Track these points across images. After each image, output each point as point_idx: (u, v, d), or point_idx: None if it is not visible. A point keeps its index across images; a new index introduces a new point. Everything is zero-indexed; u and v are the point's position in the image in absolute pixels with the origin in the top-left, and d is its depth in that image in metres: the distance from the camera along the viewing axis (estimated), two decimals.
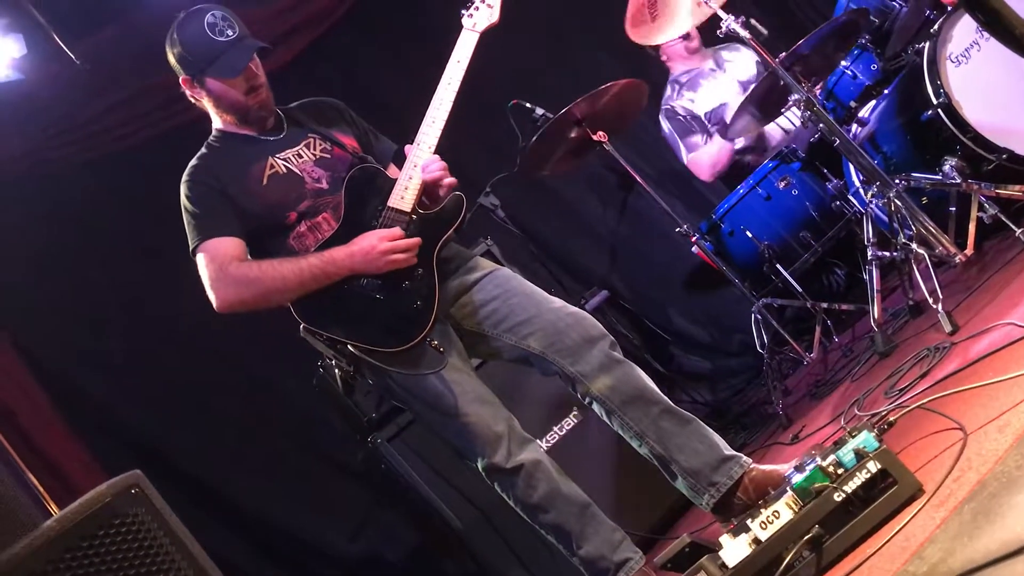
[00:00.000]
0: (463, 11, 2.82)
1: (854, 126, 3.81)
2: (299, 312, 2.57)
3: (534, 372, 2.71)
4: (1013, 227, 3.00)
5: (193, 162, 2.78)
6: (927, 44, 3.43)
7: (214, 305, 2.65)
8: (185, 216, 2.71)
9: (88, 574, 1.19)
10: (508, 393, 2.82)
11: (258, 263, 2.62)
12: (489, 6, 2.82)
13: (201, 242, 2.66)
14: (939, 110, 3.32)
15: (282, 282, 2.57)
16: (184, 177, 2.75)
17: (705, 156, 4.58)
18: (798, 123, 4.36)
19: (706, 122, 4.61)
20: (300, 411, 4.26)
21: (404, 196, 2.65)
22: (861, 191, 3.71)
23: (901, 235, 3.28)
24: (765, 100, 3.83)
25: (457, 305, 2.69)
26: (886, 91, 3.83)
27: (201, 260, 2.66)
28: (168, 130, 4.40)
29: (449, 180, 2.66)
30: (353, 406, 3.42)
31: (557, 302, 2.69)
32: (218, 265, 2.63)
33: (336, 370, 2.65)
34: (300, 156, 2.78)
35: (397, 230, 2.60)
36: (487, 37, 2.78)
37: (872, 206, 3.48)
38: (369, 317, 2.56)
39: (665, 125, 4.70)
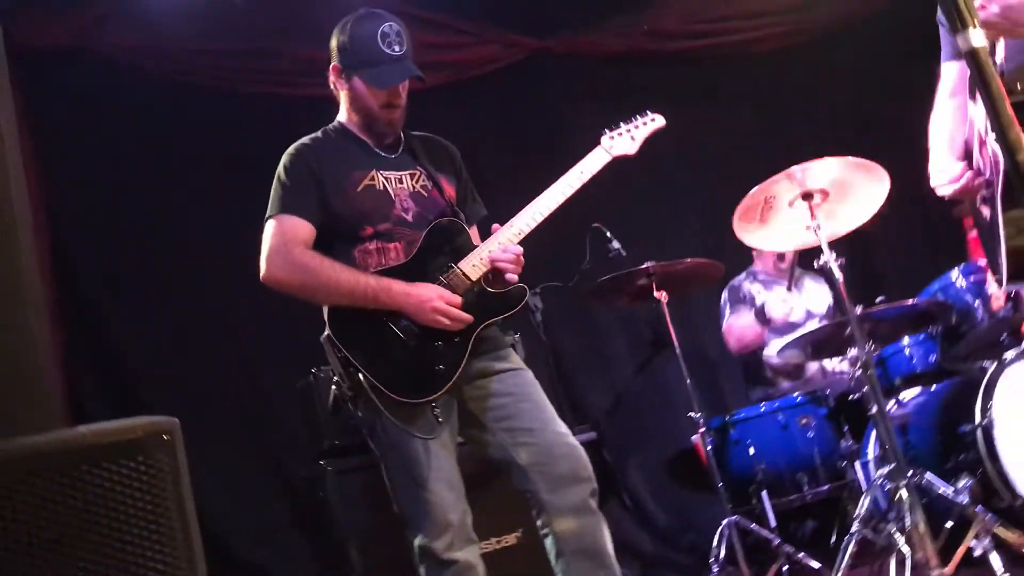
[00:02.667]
0: (607, 130, 2.91)
1: (892, 403, 3.85)
2: (333, 320, 2.59)
3: (506, 477, 2.70)
4: (997, 569, 3.00)
5: (305, 140, 2.83)
6: (994, 364, 3.49)
7: (261, 273, 2.67)
8: (276, 183, 2.75)
9: (93, 496, 1.18)
10: (474, 483, 2.79)
11: (321, 258, 2.64)
12: (632, 139, 2.91)
13: (279, 212, 2.69)
14: (979, 430, 3.35)
15: (335, 286, 2.59)
16: (291, 149, 2.80)
17: (739, 327, 4.71)
18: (841, 371, 4.42)
19: (759, 307, 4.67)
20: (269, 404, 4.23)
21: (475, 265, 2.68)
22: (872, 465, 3.73)
23: (892, 524, 3.27)
24: (825, 341, 3.90)
25: (473, 385, 2.69)
26: (935, 386, 3.88)
27: (270, 227, 2.69)
28: (287, 97, 4.47)
29: (512, 276, 2.68)
30: (325, 425, 3.39)
31: (563, 427, 2.69)
32: (284, 240, 2.66)
33: (333, 387, 2.65)
34: (401, 182, 2.82)
35: (457, 298, 2.62)
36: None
37: (877, 484, 3.48)
38: (392, 358, 2.57)
39: (724, 296, 4.84)
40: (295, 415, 3.83)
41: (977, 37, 1.36)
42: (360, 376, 2.52)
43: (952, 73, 2.64)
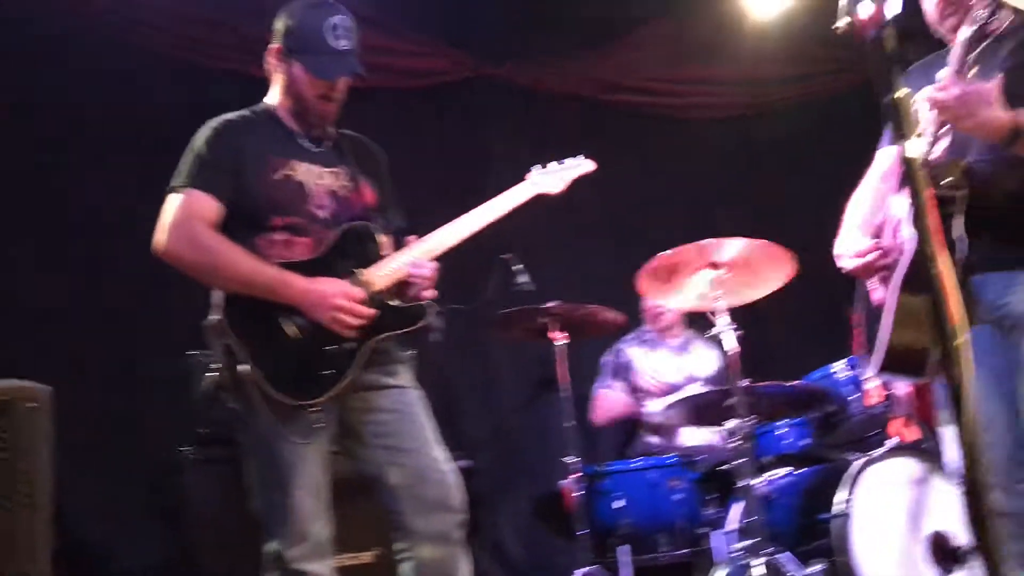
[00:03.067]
0: (538, 166, 2.92)
1: (761, 480, 3.93)
2: (224, 306, 2.50)
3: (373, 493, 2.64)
4: None
5: (229, 116, 2.74)
6: (861, 459, 3.61)
7: (158, 245, 2.56)
8: (190, 155, 2.64)
9: None
10: (340, 495, 2.72)
11: (223, 239, 2.55)
12: (560, 178, 2.92)
13: (188, 186, 2.58)
14: (837, 519, 3.46)
15: (233, 271, 2.50)
16: (213, 122, 2.70)
17: (609, 400, 4.74)
18: (713, 440, 4.51)
19: (635, 377, 4.73)
20: (145, 383, 4.07)
21: (383, 274, 2.64)
22: (731, 537, 3.79)
23: None
24: (706, 407, 3.98)
25: (358, 395, 2.63)
26: (803, 470, 3.99)
27: (175, 200, 2.58)
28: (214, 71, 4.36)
29: (428, 292, 2.65)
30: (196, 411, 3.27)
31: (441, 453, 2.66)
32: (188, 215, 2.55)
33: (213, 374, 2.55)
34: (321, 177, 2.74)
35: (363, 294, 2.56)
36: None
37: (733, 556, 3.55)
38: (280, 355, 2.49)
39: (607, 356, 4.85)
40: (168, 396, 3.68)
41: (913, 147, 1.40)
42: (243, 368, 2.44)
43: (887, 159, 2.72)
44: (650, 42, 5.67)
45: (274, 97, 2.79)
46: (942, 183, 2.29)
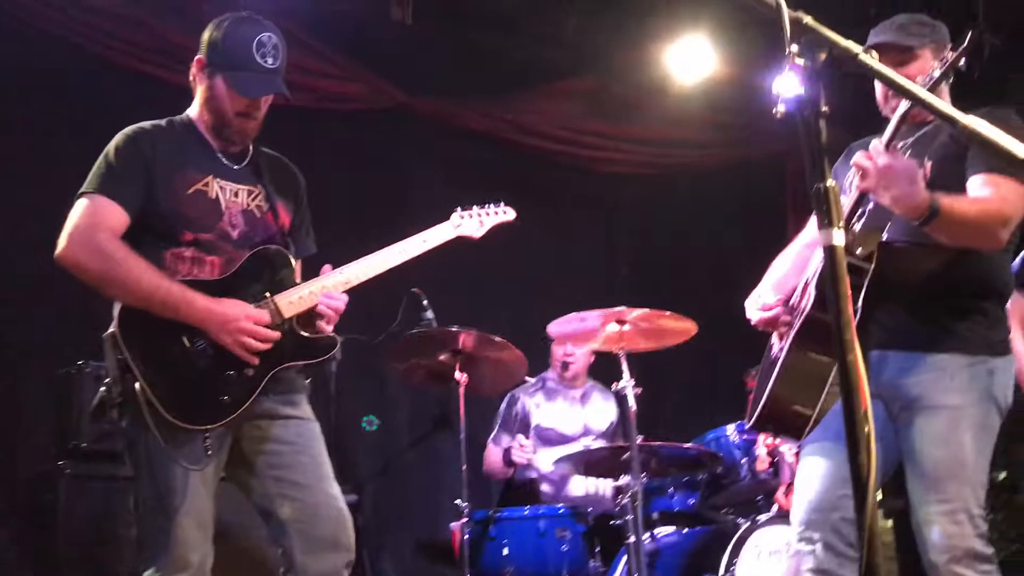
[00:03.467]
0: (460, 208, 2.91)
1: (647, 536, 3.97)
2: (123, 319, 2.39)
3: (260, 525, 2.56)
4: None
5: (145, 124, 2.65)
6: (746, 523, 3.68)
7: (58, 250, 2.45)
8: (102, 161, 2.54)
9: None
10: (226, 525, 2.63)
11: (128, 250, 2.44)
12: (481, 223, 2.93)
13: (97, 192, 2.48)
14: None
15: (135, 284, 2.40)
16: (128, 130, 2.61)
17: (494, 456, 4.71)
18: (603, 493, 4.54)
19: (531, 430, 4.73)
20: (24, 389, 3.86)
21: (292, 302, 2.57)
22: None
23: None
24: (599, 461, 4.02)
25: (254, 424, 2.55)
26: (688, 529, 4.05)
27: (82, 204, 2.48)
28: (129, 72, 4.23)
29: (327, 326, 2.60)
30: (77, 424, 3.12)
31: (335, 489, 2.60)
32: (93, 222, 2.45)
33: (103, 388, 2.44)
34: (236, 195, 2.67)
35: (267, 318, 2.49)
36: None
37: None
38: (177, 376, 2.40)
39: (503, 403, 4.83)
40: (44, 405, 3.50)
41: (838, 237, 1.44)
42: (137, 386, 2.34)
43: (814, 228, 2.78)
44: (571, 94, 5.76)
45: (194, 109, 2.72)
46: (856, 252, 2.33)
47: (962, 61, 2.20)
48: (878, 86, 2.63)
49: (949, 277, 2.45)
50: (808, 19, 1.57)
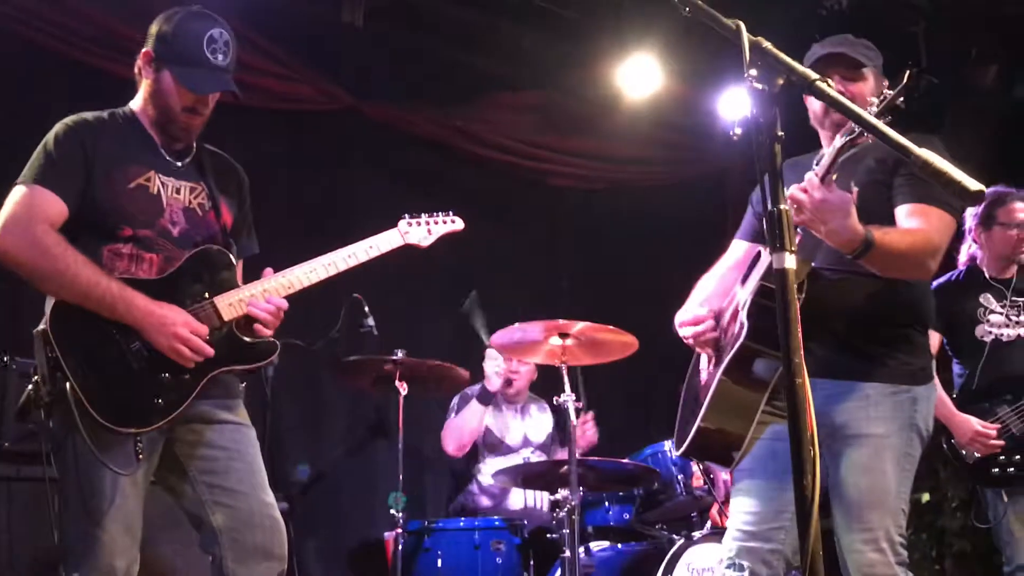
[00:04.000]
0: (407, 215, 2.88)
1: (581, 550, 3.96)
2: (56, 316, 2.32)
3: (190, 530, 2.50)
4: None
5: (87, 115, 2.57)
6: (681, 539, 3.70)
7: None
8: (40, 151, 2.47)
9: None
10: (156, 529, 2.55)
11: (66, 244, 2.36)
12: (429, 232, 2.90)
13: (34, 182, 2.41)
14: None
15: (71, 279, 2.32)
16: (68, 120, 2.54)
17: (461, 421, 4.58)
18: (539, 507, 4.53)
19: (480, 436, 4.71)
20: None
21: (232, 304, 2.52)
22: None
23: None
24: (538, 475, 4.00)
25: (187, 428, 2.48)
26: (622, 545, 4.06)
27: (18, 193, 2.41)
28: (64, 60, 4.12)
29: (266, 330, 2.55)
30: (0, 423, 3.01)
31: (270, 497, 2.54)
32: (30, 213, 2.37)
33: (30, 386, 2.36)
34: (178, 192, 2.62)
35: (204, 328, 2.43)
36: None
37: None
38: (110, 377, 2.33)
39: (454, 401, 4.77)
40: None
41: (790, 260, 1.45)
42: (67, 385, 2.26)
43: (739, 251, 2.81)
44: (522, 107, 5.78)
45: (138, 102, 2.65)
46: None
47: (900, 100, 2.22)
48: (814, 103, 2.66)
49: (875, 306, 2.48)
50: (767, 44, 1.59)
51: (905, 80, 2.21)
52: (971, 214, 3.98)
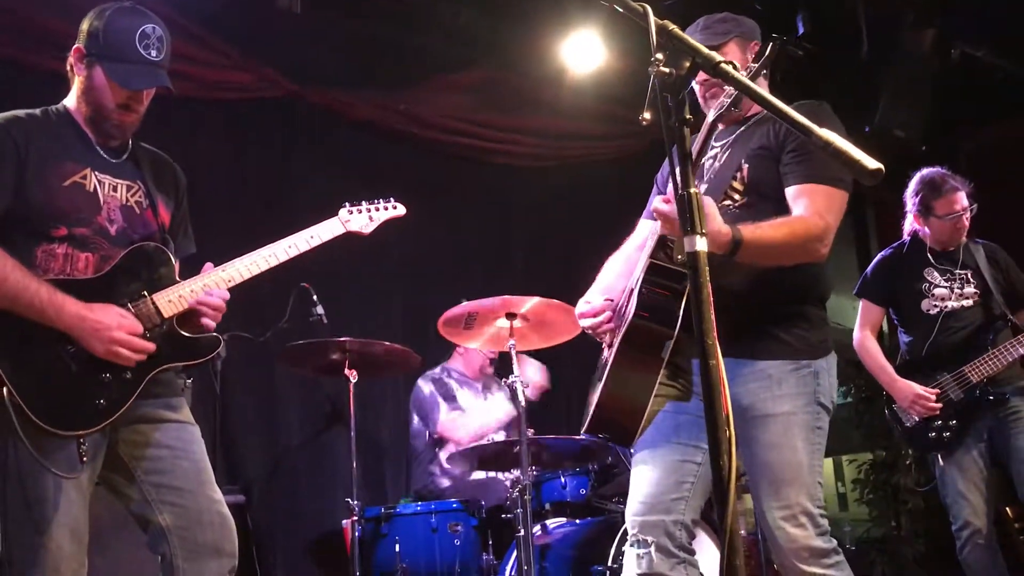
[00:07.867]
0: (348, 203, 2.86)
1: (538, 527, 4.01)
2: None
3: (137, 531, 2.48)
4: None
5: (19, 113, 2.52)
6: None
7: None
8: None
9: None
10: (103, 531, 2.52)
11: None
12: (371, 219, 2.88)
13: None
14: (608, 572, 3.56)
15: (0, 284, 2.28)
16: None
17: (473, 421, 4.62)
18: (501, 478, 4.56)
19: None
20: None
21: (171, 300, 2.49)
22: None
23: None
24: (493, 456, 4.03)
25: (132, 428, 2.46)
26: (579, 520, 4.10)
27: None
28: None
29: (209, 323, 2.53)
30: None
31: (217, 493, 2.53)
32: None
33: None
34: (115, 190, 2.57)
35: (140, 327, 2.40)
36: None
37: None
38: (48, 380, 2.29)
39: (428, 388, 4.76)
40: None
41: (701, 243, 1.47)
42: (4, 390, 2.22)
43: (644, 230, 2.81)
44: (466, 86, 5.74)
45: (71, 100, 2.60)
46: (677, 258, 2.29)
47: (764, 71, 2.23)
48: (696, 87, 2.65)
49: (769, 285, 2.47)
50: (673, 27, 1.60)
51: (767, 53, 2.23)
52: (910, 198, 4.07)
